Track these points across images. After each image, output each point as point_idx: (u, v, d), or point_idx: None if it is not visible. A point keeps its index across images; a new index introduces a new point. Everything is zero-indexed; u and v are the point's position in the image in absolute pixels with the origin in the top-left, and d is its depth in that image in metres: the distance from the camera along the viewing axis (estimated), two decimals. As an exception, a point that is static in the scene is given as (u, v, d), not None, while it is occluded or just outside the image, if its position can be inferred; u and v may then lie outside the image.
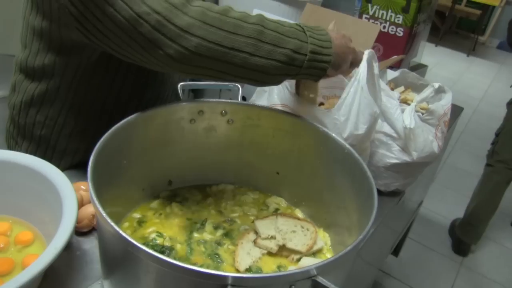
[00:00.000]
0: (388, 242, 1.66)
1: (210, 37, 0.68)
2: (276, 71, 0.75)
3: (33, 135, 0.97)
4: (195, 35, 0.68)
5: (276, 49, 0.73)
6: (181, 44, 0.68)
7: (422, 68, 2.12)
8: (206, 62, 0.70)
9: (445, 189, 3.03)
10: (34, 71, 0.92)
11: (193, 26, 0.68)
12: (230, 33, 0.70)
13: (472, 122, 4.10)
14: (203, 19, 0.68)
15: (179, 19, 0.68)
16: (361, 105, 0.87)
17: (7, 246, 0.71)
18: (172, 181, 0.89)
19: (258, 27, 0.72)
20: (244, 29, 0.71)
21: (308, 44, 0.76)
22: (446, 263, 2.39)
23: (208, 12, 0.69)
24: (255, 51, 0.72)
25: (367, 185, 0.69)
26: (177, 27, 0.67)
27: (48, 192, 0.71)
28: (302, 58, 0.76)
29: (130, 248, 0.52)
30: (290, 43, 0.74)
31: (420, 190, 1.78)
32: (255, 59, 0.72)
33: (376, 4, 1.74)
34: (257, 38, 0.72)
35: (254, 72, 0.74)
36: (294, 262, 0.76)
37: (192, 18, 0.68)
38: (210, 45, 0.69)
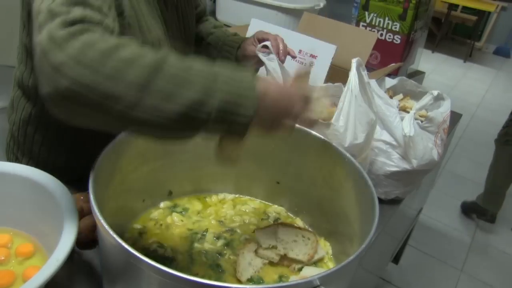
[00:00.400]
0: (389, 250, 1.66)
1: (82, 80, 0.55)
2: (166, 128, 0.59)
3: (32, 152, 0.97)
4: (66, 76, 0.55)
5: (165, 104, 0.57)
6: (52, 85, 0.56)
7: (420, 75, 2.13)
8: (78, 109, 0.58)
9: (444, 195, 3.03)
10: (29, 89, 0.91)
11: (65, 65, 0.55)
12: (107, 79, 0.55)
13: (470, 128, 4.11)
14: (79, 58, 0.55)
15: (54, 56, 0.56)
16: (357, 114, 0.87)
17: (8, 258, 0.71)
18: (172, 192, 0.89)
19: (146, 74, 0.56)
20: (126, 76, 0.56)
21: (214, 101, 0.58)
22: (447, 270, 2.38)
23: (89, 49, 0.56)
24: (137, 101, 0.56)
25: (368, 193, 0.69)
26: (50, 64, 0.56)
27: (48, 203, 0.71)
28: (202, 117, 0.58)
29: (132, 260, 0.52)
30: (185, 98, 0.57)
31: (419, 197, 1.78)
32: (136, 113, 0.57)
33: (373, 11, 1.75)
34: (140, 89, 0.56)
35: (135, 126, 0.60)
36: (295, 271, 0.76)
37: (67, 56, 0.56)
38: (81, 89, 0.55)
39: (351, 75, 0.88)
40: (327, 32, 1.52)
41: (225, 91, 0.58)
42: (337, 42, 1.33)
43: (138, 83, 0.56)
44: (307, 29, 1.58)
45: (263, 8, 2.12)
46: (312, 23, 1.62)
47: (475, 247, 2.59)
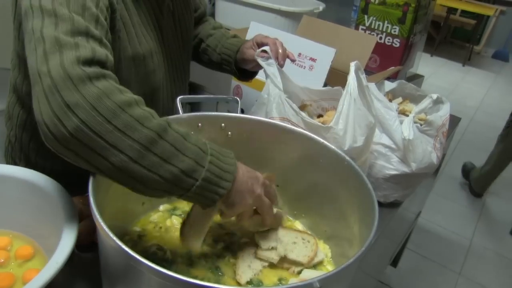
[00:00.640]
0: (387, 253, 1.66)
1: (93, 125, 0.59)
2: (156, 185, 0.63)
3: (29, 158, 0.97)
4: (77, 116, 0.58)
5: (164, 165, 0.62)
6: (61, 121, 0.59)
7: (419, 78, 2.13)
8: (81, 150, 0.60)
9: (443, 199, 3.04)
10: (23, 96, 0.91)
11: (79, 106, 0.58)
12: (118, 130, 0.60)
13: (468, 132, 4.12)
14: (95, 105, 0.59)
15: (69, 94, 0.59)
16: (356, 117, 0.87)
17: (8, 261, 0.71)
18: (172, 194, 0.89)
19: (153, 134, 0.62)
20: (135, 132, 0.61)
21: (204, 171, 0.65)
22: (445, 273, 2.39)
23: (106, 99, 0.60)
24: (139, 158, 0.61)
25: (368, 197, 0.69)
26: (63, 100, 0.59)
27: (48, 206, 0.71)
28: (191, 182, 0.64)
29: (131, 262, 0.52)
30: (182, 163, 0.63)
31: (418, 201, 1.79)
32: (135, 166, 0.61)
33: (373, 15, 1.76)
34: (146, 146, 0.61)
35: (131, 179, 0.63)
36: (295, 274, 0.76)
37: (83, 98, 0.59)
38: (90, 133, 0.59)
39: (349, 78, 0.88)
40: (327, 35, 1.53)
41: (213, 164, 0.66)
42: (336, 45, 1.34)
43: (144, 141, 0.61)
44: (306, 32, 1.59)
45: (262, 12, 2.12)
46: (311, 26, 1.62)
47: (473, 251, 2.59)
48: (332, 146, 0.81)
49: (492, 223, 2.88)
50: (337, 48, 1.33)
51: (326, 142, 0.82)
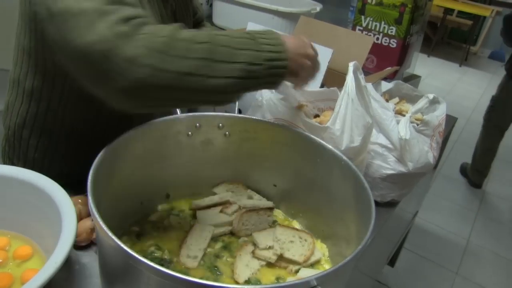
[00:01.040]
0: (384, 253, 1.67)
1: (160, 65, 0.62)
2: (234, 88, 0.69)
3: (27, 157, 0.97)
4: (143, 65, 0.62)
5: (231, 66, 0.68)
6: (129, 77, 0.62)
7: (415, 78, 2.14)
8: (160, 92, 0.65)
9: (440, 199, 3.04)
10: (24, 91, 0.91)
11: (139, 55, 0.62)
12: (180, 58, 0.64)
13: (465, 132, 4.13)
14: (150, 47, 0.62)
15: (125, 50, 0.61)
16: (353, 117, 0.88)
17: (6, 261, 0.71)
18: (170, 195, 0.89)
19: (208, 45, 0.67)
20: (194, 51, 0.65)
21: (262, 52, 0.71)
22: (442, 272, 2.39)
23: (155, 38, 0.64)
24: (210, 72, 0.66)
25: (365, 196, 0.70)
26: (123, 58, 0.61)
27: (47, 206, 0.71)
28: (259, 69, 0.70)
29: (130, 261, 0.52)
30: (244, 56, 0.69)
31: (415, 201, 1.79)
32: (211, 80, 0.66)
33: (370, 16, 1.76)
34: (210, 58, 0.66)
35: (213, 94, 0.68)
36: (292, 273, 0.76)
37: (138, 47, 0.62)
38: (162, 73, 0.63)
39: (348, 78, 0.89)
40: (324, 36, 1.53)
41: (266, 45, 0.72)
42: (333, 46, 1.34)
43: (205, 55, 0.66)
44: (303, 33, 1.59)
45: (259, 12, 2.12)
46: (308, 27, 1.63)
47: (470, 250, 2.60)
48: (329, 146, 0.81)
49: (489, 223, 2.89)
50: (334, 48, 1.33)
51: (323, 142, 0.82)
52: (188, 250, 0.76)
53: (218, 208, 0.87)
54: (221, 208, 0.87)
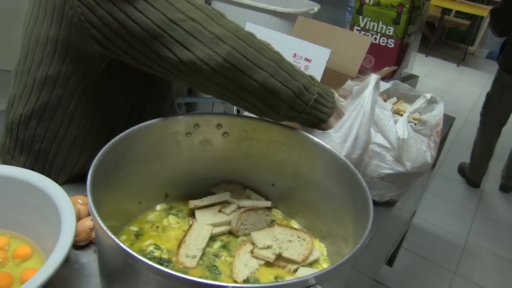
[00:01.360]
0: (383, 252, 1.67)
1: (239, 49, 0.75)
2: (287, 99, 0.81)
3: (32, 149, 0.97)
4: (227, 44, 0.74)
5: (291, 79, 0.80)
6: (213, 49, 0.73)
7: (413, 78, 2.15)
8: (232, 72, 0.75)
9: (438, 198, 3.06)
10: (35, 81, 0.92)
11: (226, 36, 0.74)
12: (256, 51, 0.76)
13: (463, 132, 4.14)
14: (236, 33, 0.75)
15: (214, 28, 0.74)
16: (359, 131, 0.87)
17: (5, 260, 0.71)
18: (168, 194, 0.90)
19: (278, 55, 0.80)
20: (267, 52, 0.78)
21: (316, 87, 0.85)
22: (441, 272, 2.40)
23: (240, 29, 0.77)
24: (275, 73, 0.78)
25: (363, 195, 0.70)
26: (211, 33, 0.73)
27: (46, 206, 0.71)
28: (309, 97, 0.83)
29: (130, 260, 0.53)
30: (302, 80, 0.82)
31: (413, 200, 1.80)
32: (273, 80, 0.78)
33: (367, 16, 1.77)
34: (277, 64, 0.79)
35: (269, 94, 0.79)
36: (291, 272, 0.76)
37: (226, 30, 0.75)
38: (239, 56, 0.74)
39: (367, 91, 0.88)
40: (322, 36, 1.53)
41: (318, 85, 0.87)
42: (331, 46, 1.34)
43: (275, 60, 0.79)
44: (301, 33, 1.59)
45: (257, 12, 2.13)
46: (306, 27, 1.63)
47: (468, 250, 2.61)
48: (328, 146, 0.81)
49: (487, 222, 2.90)
50: (332, 48, 1.33)
51: (322, 142, 0.82)
52: (186, 250, 0.76)
53: (216, 207, 0.87)
54: (219, 207, 0.87)
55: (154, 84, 0.99)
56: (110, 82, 0.92)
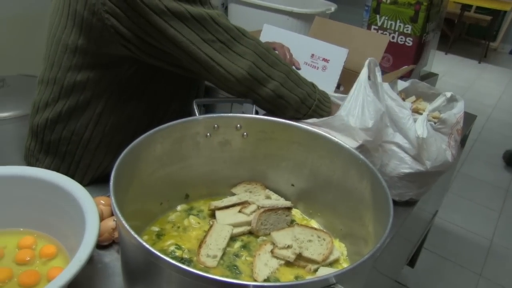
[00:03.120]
0: (404, 253, 1.66)
1: (257, 63, 0.92)
2: (294, 103, 0.97)
3: (58, 151, 0.99)
4: (248, 60, 0.91)
5: (297, 88, 0.97)
6: (238, 65, 0.90)
7: (433, 77, 2.13)
8: (251, 83, 0.92)
9: (460, 198, 3.01)
10: (62, 87, 0.94)
11: (247, 53, 0.91)
12: (269, 66, 0.94)
13: (485, 130, 4.07)
14: (255, 50, 0.92)
15: (238, 47, 0.91)
16: (365, 102, 0.91)
17: (33, 259, 0.73)
18: (189, 195, 0.91)
19: (287, 68, 0.97)
20: (278, 66, 0.95)
21: (316, 94, 1.01)
22: (464, 274, 2.36)
23: (258, 46, 0.93)
24: (284, 83, 0.95)
25: (382, 194, 0.70)
26: (235, 52, 0.90)
27: (70, 207, 0.73)
28: (311, 102, 0.99)
29: (152, 259, 0.54)
30: (306, 88, 0.99)
31: (434, 200, 1.78)
32: (283, 89, 0.95)
33: (384, 14, 1.76)
34: (286, 75, 0.96)
35: (279, 99, 0.95)
36: (311, 272, 0.77)
37: (247, 48, 0.92)
38: (257, 69, 0.92)
39: (362, 71, 0.95)
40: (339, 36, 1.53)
41: (318, 92, 1.03)
42: (348, 45, 1.34)
43: (285, 71, 0.96)
44: (318, 33, 1.60)
45: (274, 14, 2.13)
46: (323, 27, 1.63)
47: (494, 251, 2.56)
48: (346, 145, 0.81)
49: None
50: (350, 48, 1.33)
51: (340, 141, 0.82)
52: (207, 250, 0.77)
53: (236, 208, 0.88)
54: (239, 208, 0.88)
55: (178, 83, 1.01)
56: (138, 83, 0.96)
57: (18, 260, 0.73)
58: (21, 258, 0.73)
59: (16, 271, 0.71)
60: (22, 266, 0.72)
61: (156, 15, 0.82)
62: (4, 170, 0.78)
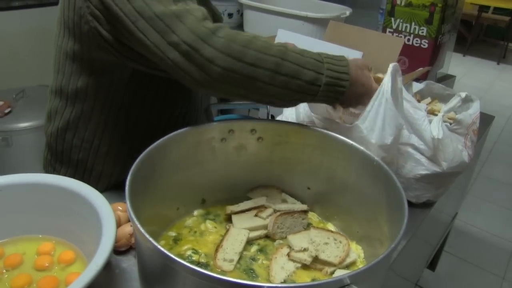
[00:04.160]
0: (423, 256, 1.64)
1: (231, 67, 0.75)
2: (291, 97, 0.81)
3: (70, 159, 1.01)
4: (218, 65, 0.74)
5: (292, 80, 0.79)
6: (206, 72, 0.75)
7: (450, 78, 2.11)
8: (227, 88, 0.77)
9: (481, 200, 2.96)
10: (68, 95, 0.96)
11: (217, 57, 0.74)
12: (250, 65, 0.75)
13: (505, 132, 4.01)
14: (227, 51, 0.74)
15: (205, 50, 0.74)
16: (386, 117, 0.88)
17: (51, 265, 0.75)
18: (205, 200, 0.91)
19: (277, 59, 0.77)
20: (263, 61, 0.76)
21: (324, 77, 0.81)
22: (487, 277, 2.32)
23: (232, 44, 0.75)
24: (271, 81, 0.77)
25: (397, 195, 0.70)
26: (203, 57, 0.74)
27: (88, 213, 0.74)
28: (316, 89, 0.81)
29: (169, 263, 0.54)
30: (306, 75, 0.79)
31: (453, 202, 1.76)
32: (270, 88, 0.78)
33: (399, 17, 1.75)
34: (274, 70, 0.77)
35: (270, 97, 0.80)
36: (328, 275, 0.76)
37: (217, 50, 0.74)
38: (231, 74, 0.75)
39: (385, 78, 0.90)
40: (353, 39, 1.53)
41: (330, 70, 0.82)
42: (363, 49, 1.34)
43: (272, 66, 0.77)
44: (333, 37, 1.59)
45: (289, 19, 2.14)
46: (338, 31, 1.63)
47: (516, 254, 2.51)
48: (361, 147, 0.81)
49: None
50: (365, 51, 1.33)
51: (355, 143, 0.82)
52: (224, 254, 0.78)
53: (253, 212, 0.88)
54: (256, 212, 0.88)
55: (178, 87, 1.01)
56: (135, 90, 0.96)
57: (37, 266, 0.75)
58: (40, 264, 0.75)
59: (35, 277, 0.72)
60: (41, 272, 0.74)
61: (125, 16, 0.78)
62: (23, 178, 0.80)
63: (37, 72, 2.27)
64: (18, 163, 1.96)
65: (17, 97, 2.05)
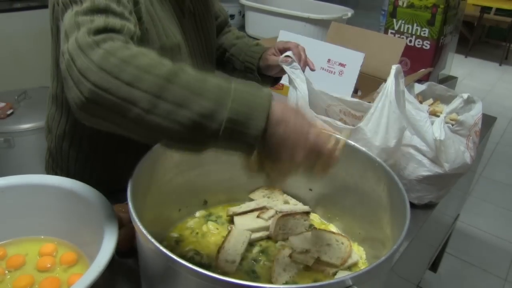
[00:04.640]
0: (425, 257, 1.64)
1: (102, 84, 0.59)
2: (179, 135, 0.59)
3: (68, 169, 1.02)
4: (89, 80, 0.59)
5: (179, 110, 0.58)
6: (78, 88, 0.60)
7: (452, 80, 2.11)
8: (99, 111, 0.61)
9: (483, 202, 2.96)
10: (62, 103, 0.96)
11: (89, 70, 0.59)
12: (126, 84, 0.58)
13: (507, 133, 4.00)
14: (102, 65, 0.59)
15: (80, 62, 0.61)
16: (390, 120, 0.88)
17: (54, 266, 0.75)
18: (207, 201, 0.91)
19: (161, 81, 0.59)
20: (143, 82, 0.59)
21: (227, 111, 0.58)
22: (489, 279, 2.32)
23: (111, 57, 0.60)
24: (151, 108, 0.58)
25: (399, 196, 0.70)
26: (77, 69, 0.60)
27: (90, 214, 0.74)
28: (215, 127, 0.58)
29: (170, 264, 0.54)
30: (199, 106, 0.58)
31: (455, 204, 1.76)
32: (151, 117, 0.58)
33: (401, 18, 1.75)
34: (156, 95, 0.58)
35: (152, 132, 0.60)
36: (330, 276, 0.76)
37: (92, 62, 0.60)
38: (102, 93, 0.59)
39: (388, 81, 0.89)
40: (355, 40, 1.53)
41: (237, 102, 0.58)
42: (365, 50, 1.34)
43: (154, 89, 0.58)
44: (335, 38, 1.60)
45: (291, 20, 2.14)
46: (340, 32, 1.63)
47: (519, 255, 2.50)
48: (363, 148, 0.81)
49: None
50: (367, 52, 1.33)
51: (357, 144, 0.82)
52: (226, 255, 0.78)
53: (255, 213, 0.88)
54: (258, 213, 0.88)
55: None
56: None
57: (39, 267, 0.75)
58: (42, 265, 0.75)
59: (37, 278, 0.72)
60: (43, 273, 0.74)
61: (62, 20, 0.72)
62: (25, 179, 0.80)
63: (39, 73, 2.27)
64: (20, 164, 1.96)
65: (19, 98, 2.05)
